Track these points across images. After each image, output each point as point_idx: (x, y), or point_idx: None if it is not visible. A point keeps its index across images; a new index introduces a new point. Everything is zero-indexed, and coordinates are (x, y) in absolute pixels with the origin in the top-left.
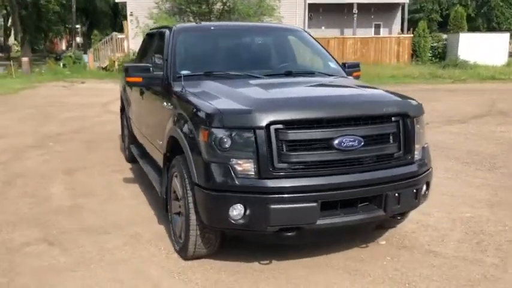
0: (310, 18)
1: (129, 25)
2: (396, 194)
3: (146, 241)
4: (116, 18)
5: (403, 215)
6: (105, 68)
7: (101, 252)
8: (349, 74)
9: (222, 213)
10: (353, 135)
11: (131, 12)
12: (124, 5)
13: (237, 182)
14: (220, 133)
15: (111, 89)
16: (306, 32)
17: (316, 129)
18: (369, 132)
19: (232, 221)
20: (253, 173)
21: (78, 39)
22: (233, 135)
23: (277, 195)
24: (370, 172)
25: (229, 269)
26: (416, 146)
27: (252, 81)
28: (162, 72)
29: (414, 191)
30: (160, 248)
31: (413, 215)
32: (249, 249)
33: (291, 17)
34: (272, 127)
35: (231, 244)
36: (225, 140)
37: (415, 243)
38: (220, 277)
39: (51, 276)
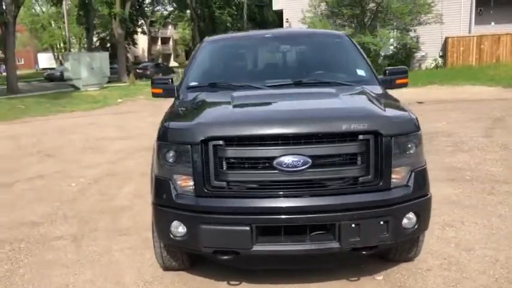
0: (479, 14)
1: None
2: (354, 225)
3: (150, 247)
4: (281, 26)
5: (372, 249)
6: None
7: (104, 254)
8: (390, 81)
9: (165, 229)
10: (298, 154)
11: (287, 19)
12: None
13: (175, 199)
14: (165, 147)
15: None
16: (347, 37)
17: (256, 146)
18: (319, 152)
19: (173, 238)
20: (191, 190)
21: None
22: (177, 150)
23: (208, 216)
24: (320, 197)
25: (195, 285)
26: (397, 170)
27: (236, 94)
28: (177, 84)
29: (381, 222)
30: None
31: (445, 247)
32: (227, 268)
33: (454, 13)
34: (211, 143)
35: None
36: (170, 154)
37: (420, 286)
38: None
39: (44, 270)
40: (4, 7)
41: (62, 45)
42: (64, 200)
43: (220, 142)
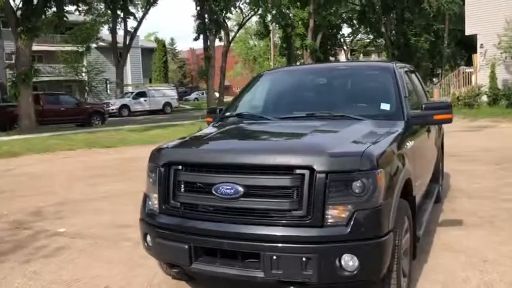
0: None
1: (479, 58)
2: (275, 257)
3: None
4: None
5: (302, 284)
6: None
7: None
8: (425, 117)
9: (142, 240)
10: (233, 183)
11: (481, 44)
12: (475, 37)
13: (146, 214)
14: (148, 168)
15: None
16: (394, 69)
17: (201, 173)
18: (251, 183)
19: (147, 249)
20: (157, 207)
21: None
22: (152, 171)
23: (162, 231)
24: (249, 226)
25: None
26: (333, 208)
27: (238, 125)
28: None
29: (303, 259)
30: None
31: None
32: None
33: None
34: (172, 167)
35: None
36: (150, 174)
37: None
38: None
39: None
40: (208, 43)
41: None
42: None
43: (179, 167)
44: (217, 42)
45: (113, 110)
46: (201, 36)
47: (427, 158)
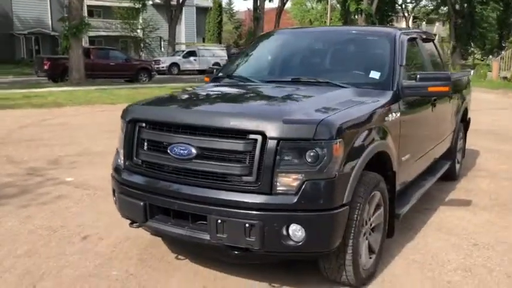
0: None
1: None
2: (220, 221)
3: None
4: None
5: (246, 250)
6: (506, 78)
7: None
8: (419, 88)
9: (112, 196)
10: (187, 144)
11: None
12: None
13: (114, 169)
14: (121, 124)
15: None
16: (395, 35)
17: (160, 132)
18: (205, 145)
19: (115, 204)
20: (122, 164)
21: None
22: (122, 127)
23: (123, 186)
24: (197, 188)
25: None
26: (283, 176)
27: (220, 87)
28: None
29: (247, 225)
30: None
31: None
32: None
33: None
34: (138, 124)
35: None
36: (121, 130)
37: None
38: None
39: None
40: (258, 4)
41: None
42: None
43: (143, 124)
44: (272, 4)
45: (162, 67)
46: None
47: (429, 132)
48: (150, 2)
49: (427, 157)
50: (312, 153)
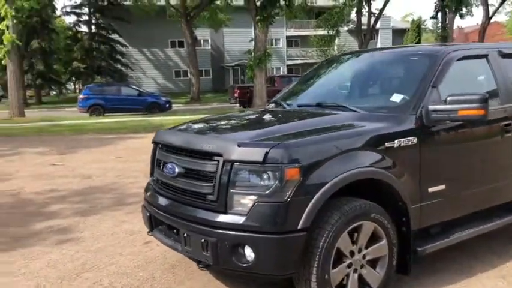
0: None
1: None
2: (186, 235)
3: None
4: None
5: (208, 266)
6: None
7: None
8: (448, 112)
9: None
10: (174, 163)
11: None
12: None
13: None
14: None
15: None
16: (440, 55)
17: (162, 151)
18: (185, 165)
19: None
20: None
21: None
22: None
23: (144, 197)
24: (176, 203)
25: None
26: (235, 197)
27: (248, 111)
28: None
29: (202, 240)
30: None
31: None
32: None
33: None
34: (158, 146)
35: None
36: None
37: None
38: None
39: None
40: (447, 22)
41: None
42: None
43: (160, 145)
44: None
45: None
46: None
47: (478, 165)
48: (345, 28)
49: (483, 194)
50: (263, 176)
